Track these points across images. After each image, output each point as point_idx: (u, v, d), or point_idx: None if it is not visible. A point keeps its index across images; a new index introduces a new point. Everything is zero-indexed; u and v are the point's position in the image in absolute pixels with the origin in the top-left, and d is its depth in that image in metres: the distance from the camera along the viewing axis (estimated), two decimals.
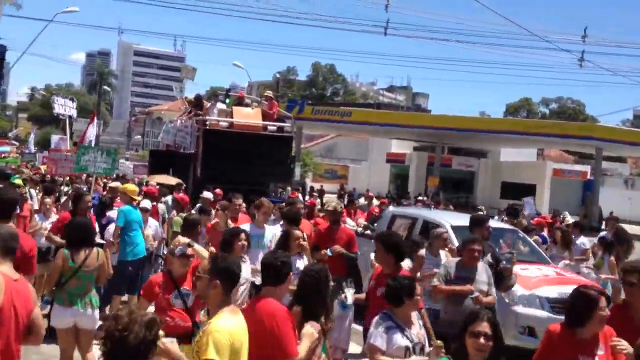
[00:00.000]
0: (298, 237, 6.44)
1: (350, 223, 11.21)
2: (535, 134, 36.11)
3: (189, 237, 6.63)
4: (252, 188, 13.41)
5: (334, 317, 5.20)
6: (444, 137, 39.74)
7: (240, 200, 9.49)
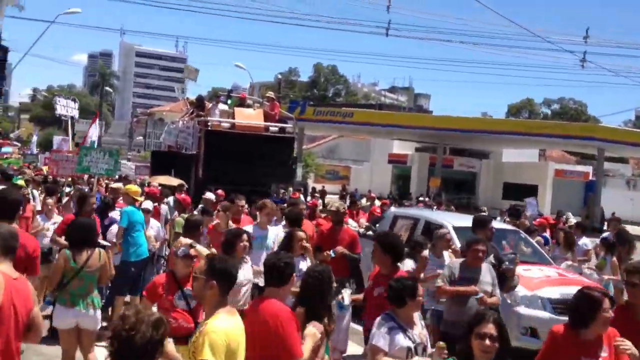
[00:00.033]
0: (301, 238, 6.42)
1: (352, 224, 11.18)
2: (537, 135, 36.06)
3: (191, 238, 6.62)
4: (253, 189, 13.42)
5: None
6: (446, 137, 39.71)
7: (244, 202, 9.48)
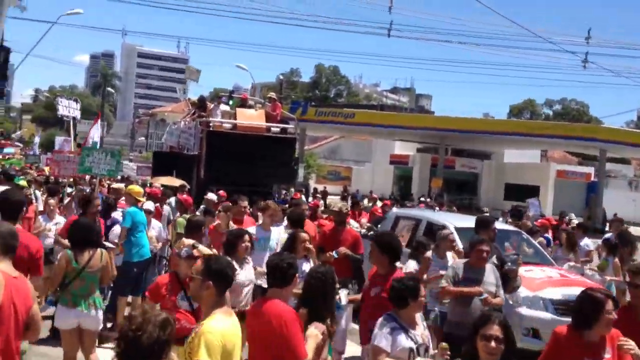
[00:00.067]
0: (304, 240, 6.38)
1: (354, 225, 11.17)
2: (539, 136, 36.05)
3: (193, 238, 6.60)
4: (255, 190, 13.41)
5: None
6: (448, 138, 39.70)
7: (246, 203, 9.46)
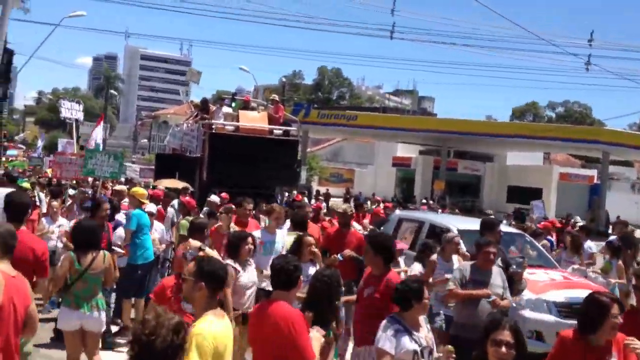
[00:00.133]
0: (310, 244, 6.36)
1: (357, 227, 11.15)
2: (542, 138, 36.03)
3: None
4: (258, 192, 13.40)
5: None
6: (450, 140, 39.70)
7: (251, 205, 9.44)
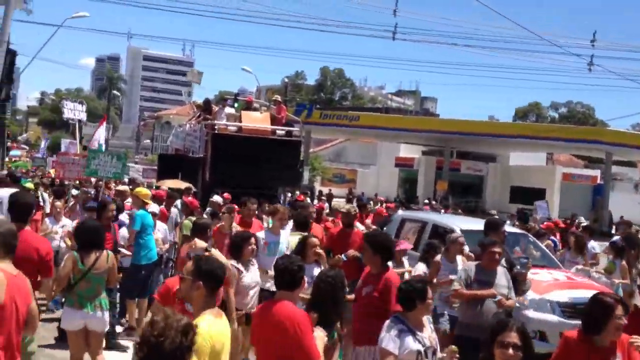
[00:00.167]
0: (315, 245, 6.35)
1: (360, 227, 11.15)
2: (545, 138, 35.98)
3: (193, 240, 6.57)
4: (260, 192, 13.41)
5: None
6: (453, 141, 39.67)
7: (255, 206, 9.42)
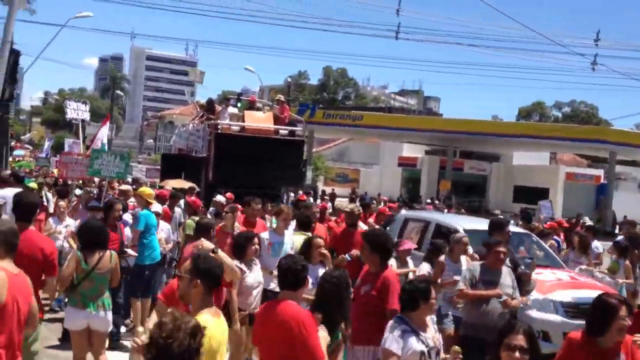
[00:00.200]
0: (320, 245, 6.32)
1: (363, 227, 11.14)
2: (548, 138, 35.93)
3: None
4: (263, 192, 13.42)
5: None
6: (456, 140, 39.63)
7: (260, 206, 9.39)
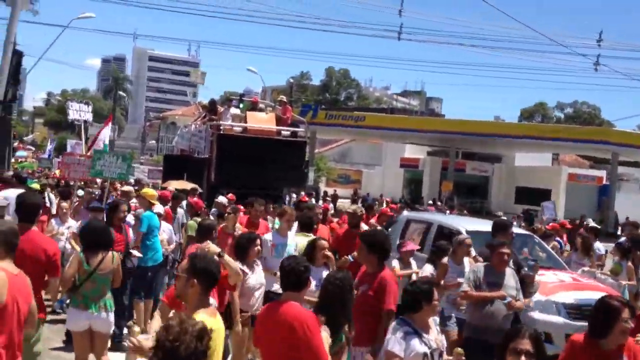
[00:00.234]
0: (324, 247, 6.29)
1: (365, 228, 11.13)
2: (550, 139, 35.89)
3: (204, 242, 6.56)
4: (266, 193, 13.43)
5: None
6: (458, 141, 39.61)
7: (262, 207, 9.37)
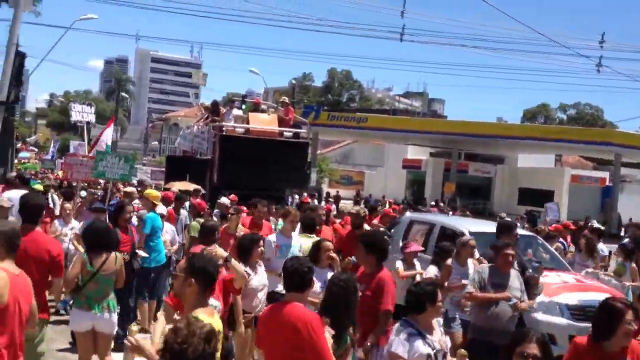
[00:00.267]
0: (329, 249, 6.27)
1: (368, 229, 11.12)
2: (553, 140, 35.86)
3: (207, 243, 6.56)
4: (268, 194, 13.42)
5: None
6: (461, 143, 39.59)
7: (265, 209, 9.36)
